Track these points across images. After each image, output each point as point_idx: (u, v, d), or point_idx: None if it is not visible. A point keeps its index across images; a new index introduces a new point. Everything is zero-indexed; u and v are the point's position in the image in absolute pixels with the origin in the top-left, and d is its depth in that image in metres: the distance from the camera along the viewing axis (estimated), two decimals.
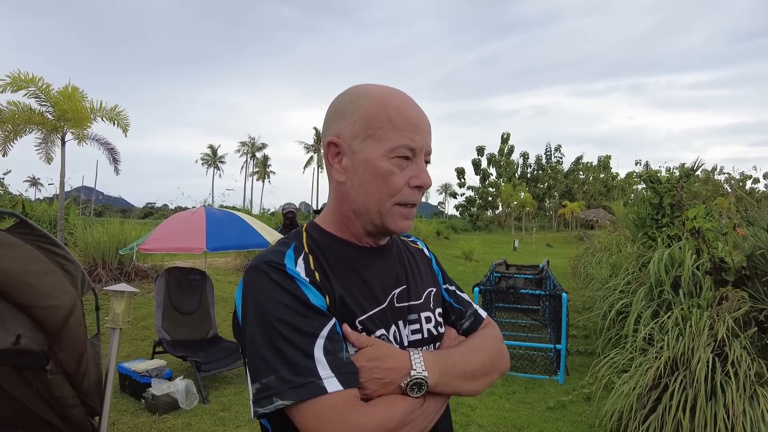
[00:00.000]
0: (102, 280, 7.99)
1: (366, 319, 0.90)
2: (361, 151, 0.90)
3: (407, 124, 0.90)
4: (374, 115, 0.90)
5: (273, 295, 0.83)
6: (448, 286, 1.14)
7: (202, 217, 5.27)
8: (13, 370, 2.82)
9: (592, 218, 34.57)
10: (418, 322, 0.99)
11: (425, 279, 1.07)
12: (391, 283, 0.98)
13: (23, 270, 2.47)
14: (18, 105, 8.05)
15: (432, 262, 1.15)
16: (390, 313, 0.95)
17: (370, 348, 0.86)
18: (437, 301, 1.07)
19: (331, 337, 0.82)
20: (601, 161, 55.17)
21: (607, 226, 13.93)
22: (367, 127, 0.90)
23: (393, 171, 0.89)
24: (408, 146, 0.89)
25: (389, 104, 0.90)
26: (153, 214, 49.06)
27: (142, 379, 4.48)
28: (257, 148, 69.66)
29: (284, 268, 0.86)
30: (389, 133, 0.89)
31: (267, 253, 0.91)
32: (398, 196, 0.90)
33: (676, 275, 4.78)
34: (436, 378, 0.87)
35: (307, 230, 0.98)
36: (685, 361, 3.50)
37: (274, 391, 0.77)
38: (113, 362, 3.12)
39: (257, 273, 0.86)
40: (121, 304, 3.19)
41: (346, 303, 0.89)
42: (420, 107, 0.95)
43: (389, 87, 0.96)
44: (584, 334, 7.05)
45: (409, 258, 1.08)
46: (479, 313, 1.14)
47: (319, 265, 0.91)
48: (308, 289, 0.85)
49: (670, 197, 5.98)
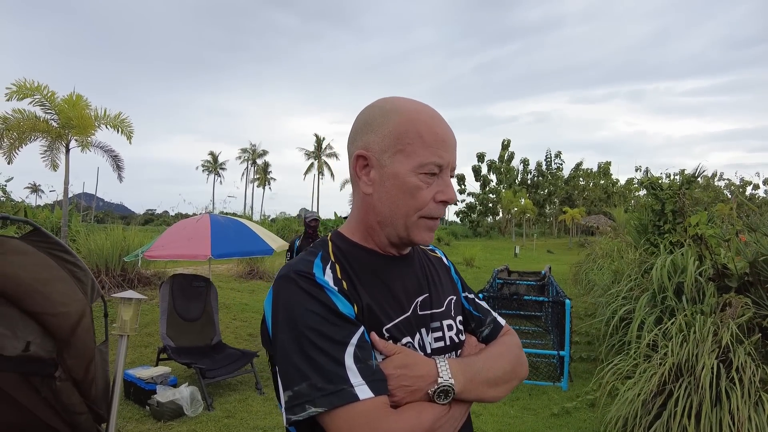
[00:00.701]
0: (105, 286, 8.01)
1: (392, 327, 0.92)
2: (389, 165, 0.92)
3: (436, 141, 0.91)
4: (405, 130, 0.91)
5: (303, 304, 0.84)
6: (467, 294, 1.15)
7: (206, 224, 5.29)
8: (21, 377, 2.83)
9: (592, 224, 34.57)
10: (441, 329, 1.01)
11: (446, 287, 1.09)
12: (414, 291, 1.00)
13: (34, 277, 2.49)
14: (23, 113, 8.10)
15: (451, 270, 1.17)
16: (414, 321, 0.96)
17: (398, 356, 0.88)
18: (457, 309, 1.09)
19: (361, 345, 0.83)
20: (601, 167, 55.21)
21: (608, 233, 13.95)
22: (397, 142, 0.91)
23: (420, 186, 0.91)
24: (436, 163, 0.91)
25: (419, 120, 0.92)
26: (154, 220, 49.10)
27: (147, 386, 4.49)
28: (258, 154, 69.72)
29: (313, 277, 0.88)
30: (419, 149, 0.90)
31: (296, 262, 0.93)
32: (424, 210, 0.92)
33: (679, 281, 4.80)
34: (461, 385, 0.89)
35: (332, 239, 1.00)
36: (690, 368, 3.51)
37: (307, 398, 0.78)
38: (121, 369, 3.13)
39: (287, 282, 0.87)
40: (129, 311, 3.21)
41: (373, 311, 0.90)
42: (447, 123, 0.96)
43: (418, 102, 0.97)
44: (587, 341, 7.05)
45: (429, 266, 1.09)
46: (498, 321, 1.15)
47: (345, 273, 0.92)
48: (337, 298, 0.87)
49: (672, 204, 6.01)
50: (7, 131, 7.69)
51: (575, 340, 6.96)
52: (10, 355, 2.71)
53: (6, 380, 2.80)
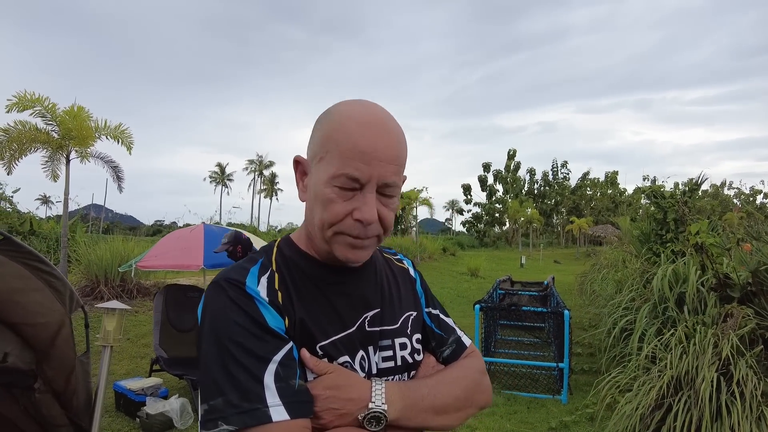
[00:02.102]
0: (104, 297, 7.99)
1: (328, 345, 0.86)
2: (314, 172, 0.87)
3: (353, 152, 0.81)
4: (327, 137, 0.84)
5: (229, 314, 0.79)
6: (431, 310, 1.07)
7: (200, 234, 5.26)
8: (2, 387, 2.79)
9: (599, 234, 34.30)
10: (391, 348, 0.94)
11: (405, 302, 1.02)
12: (363, 305, 0.93)
13: (8, 287, 2.44)
14: (25, 125, 8.17)
15: (416, 283, 1.09)
16: (358, 339, 0.90)
17: (329, 376, 0.82)
18: (416, 327, 1.01)
19: (285, 363, 0.78)
20: (608, 177, 54.91)
21: (614, 242, 13.80)
22: (321, 149, 0.85)
23: (333, 199, 0.82)
24: (350, 175, 0.81)
25: (343, 127, 0.83)
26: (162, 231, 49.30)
27: (137, 398, 4.43)
28: (265, 165, 70.14)
29: (243, 286, 0.83)
30: (334, 159, 0.82)
31: (231, 268, 0.88)
32: (338, 226, 0.84)
33: (681, 291, 4.69)
34: (398, 411, 0.82)
35: (279, 245, 0.95)
36: (689, 381, 3.40)
37: (220, 414, 0.73)
38: (104, 380, 3.07)
39: (216, 290, 0.83)
40: (113, 322, 3.16)
41: (306, 326, 0.84)
42: (388, 132, 0.84)
43: (362, 105, 0.87)
44: (589, 352, 6.91)
45: (389, 278, 1.02)
46: (462, 341, 1.06)
47: (284, 284, 0.87)
48: (266, 310, 0.81)
49: (674, 212, 5.90)
50: (8, 142, 7.76)
51: (577, 351, 6.83)
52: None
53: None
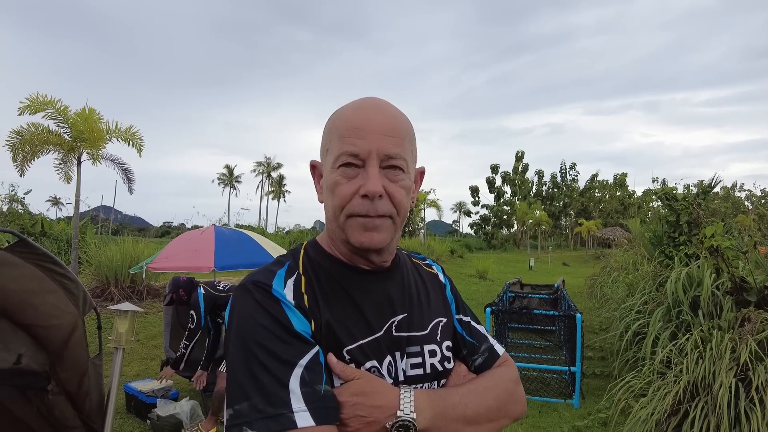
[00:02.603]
0: (114, 298, 8.03)
1: (355, 349, 0.84)
2: (323, 168, 0.91)
3: (348, 129, 0.85)
4: (328, 129, 0.90)
5: (255, 318, 0.78)
6: (461, 317, 1.05)
7: (211, 236, 5.26)
8: (16, 388, 2.80)
9: (608, 236, 34.02)
10: (420, 355, 0.92)
11: (434, 308, 0.99)
12: (390, 310, 0.91)
13: (23, 289, 2.46)
14: (37, 127, 8.24)
15: (446, 289, 1.07)
16: (385, 344, 0.88)
17: (357, 381, 0.80)
18: (446, 334, 0.99)
19: (311, 368, 0.76)
20: (617, 179, 54.53)
21: (623, 245, 13.68)
22: (325, 143, 0.90)
23: (339, 181, 0.85)
24: (349, 152, 0.83)
25: (339, 115, 0.89)
26: (170, 233, 49.59)
27: (148, 399, 4.44)
28: (273, 167, 70.35)
29: (270, 289, 0.82)
30: (334, 143, 0.86)
31: (258, 271, 0.88)
32: (348, 207, 0.85)
33: (695, 295, 4.63)
34: (427, 420, 0.80)
35: (306, 248, 0.95)
36: (706, 386, 3.34)
37: (245, 419, 0.72)
38: (116, 382, 3.08)
39: (243, 293, 0.83)
40: (125, 324, 3.16)
41: (333, 330, 0.83)
42: (383, 109, 0.87)
43: (360, 98, 0.92)
44: (601, 356, 6.84)
45: (417, 283, 1.00)
46: (495, 349, 1.03)
47: (310, 287, 0.86)
48: (293, 313, 0.80)
49: (687, 215, 5.83)
50: (21, 145, 7.83)
51: (588, 355, 6.76)
52: (2, 367, 2.67)
53: (1, 392, 2.77)
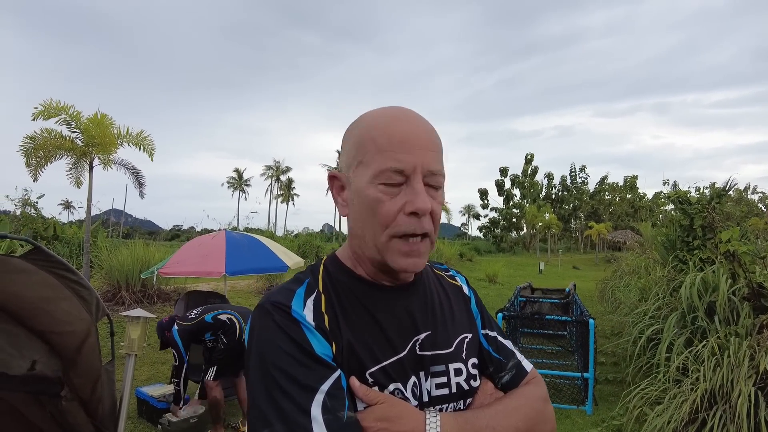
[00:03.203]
0: (125, 302, 8.07)
1: (378, 371, 0.81)
2: (354, 181, 0.84)
3: (391, 143, 0.79)
4: (361, 141, 0.83)
5: (275, 341, 0.76)
6: (488, 332, 1.00)
7: (222, 240, 5.27)
8: (30, 394, 2.81)
9: (619, 240, 33.73)
10: (445, 374, 0.88)
11: (458, 323, 0.95)
12: (413, 328, 0.87)
13: (37, 296, 2.47)
14: (50, 132, 8.34)
15: (471, 302, 1.03)
16: (409, 364, 0.84)
17: (380, 406, 0.77)
18: (472, 350, 0.95)
19: (332, 393, 0.74)
20: (627, 181, 54.07)
21: (635, 248, 13.54)
22: (357, 154, 0.83)
23: (381, 198, 0.79)
24: (395, 168, 0.79)
25: (376, 124, 0.83)
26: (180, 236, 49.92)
27: (159, 405, 4.44)
28: (282, 171, 70.66)
29: (289, 310, 0.79)
30: (374, 157, 0.80)
31: (277, 290, 0.84)
32: (392, 227, 0.80)
33: (711, 301, 4.56)
34: None
35: (325, 264, 0.91)
36: (724, 395, 3.28)
37: None
38: (128, 389, 3.08)
39: (262, 313, 0.80)
40: (137, 330, 3.16)
41: (355, 352, 0.80)
42: (420, 122, 0.84)
43: (390, 108, 0.86)
44: (613, 362, 6.76)
45: (441, 297, 0.96)
46: (522, 366, 0.99)
47: (330, 306, 0.83)
48: (313, 336, 0.78)
49: (701, 218, 5.75)
50: (35, 150, 7.92)
51: (600, 360, 6.68)
52: (16, 373, 2.69)
53: (16, 397, 2.78)
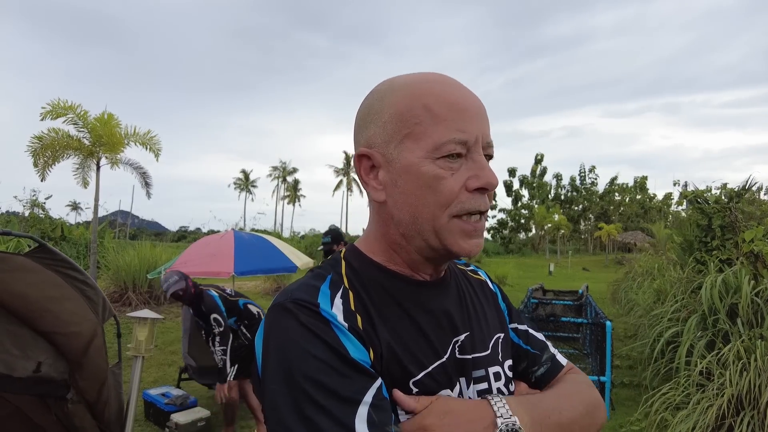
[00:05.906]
0: (132, 303, 8.03)
1: (424, 378, 0.69)
2: (398, 157, 0.70)
3: (452, 112, 0.68)
4: (407, 108, 0.69)
5: (302, 345, 0.63)
6: (517, 326, 0.90)
7: (230, 240, 5.20)
8: (36, 397, 2.75)
9: (629, 241, 33.45)
10: (486, 379, 0.77)
11: (491, 322, 0.84)
12: (452, 328, 0.76)
13: (43, 295, 2.40)
14: (57, 132, 8.33)
15: (498, 298, 0.92)
16: (452, 369, 0.73)
17: (438, 402, 0.66)
18: (506, 351, 0.84)
19: (377, 404, 0.61)
20: (637, 182, 53.66)
21: (647, 249, 13.37)
22: (402, 126, 0.69)
23: (442, 175, 0.68)
24: (458, 140, 0.68)
25: (426, 90, 0.69)
26: (186, 237, 50.09)
27: (167, 407, 4.38)
28: (288, 172, 70.78)
29: (317, 308, 0.66)
30: (430, 128, 0.68)
31: (296, 287, 0.71)
32: (455, 206, 0.69)
33: (732, 302, 4.42)
34: (528, 428, 0.66)
35: (346, 257, 0.77)
36: (752, 400, 3.16)
37: None
38: (135, 391, 3.01)
39: (283, 314, 0.66)
40: (144, 332, 3.09)
41: (397, 357, 0.68)
42: (467, 88, 0.73)
43: (426, 73, 0.74)
44: (628, 365, 6.63)
45: (471, 294, 0.84)
46: (557, 359, 0.89)
47: (361, 304, 0.70)
48: (347, 338, 0.65)
49: (720, 218, 5.61)
50: (42, 149, 7.92)
51: (616, 364, 6.54)
52: (21, 375, 2.62)
53: (22, 399, 2.72)
